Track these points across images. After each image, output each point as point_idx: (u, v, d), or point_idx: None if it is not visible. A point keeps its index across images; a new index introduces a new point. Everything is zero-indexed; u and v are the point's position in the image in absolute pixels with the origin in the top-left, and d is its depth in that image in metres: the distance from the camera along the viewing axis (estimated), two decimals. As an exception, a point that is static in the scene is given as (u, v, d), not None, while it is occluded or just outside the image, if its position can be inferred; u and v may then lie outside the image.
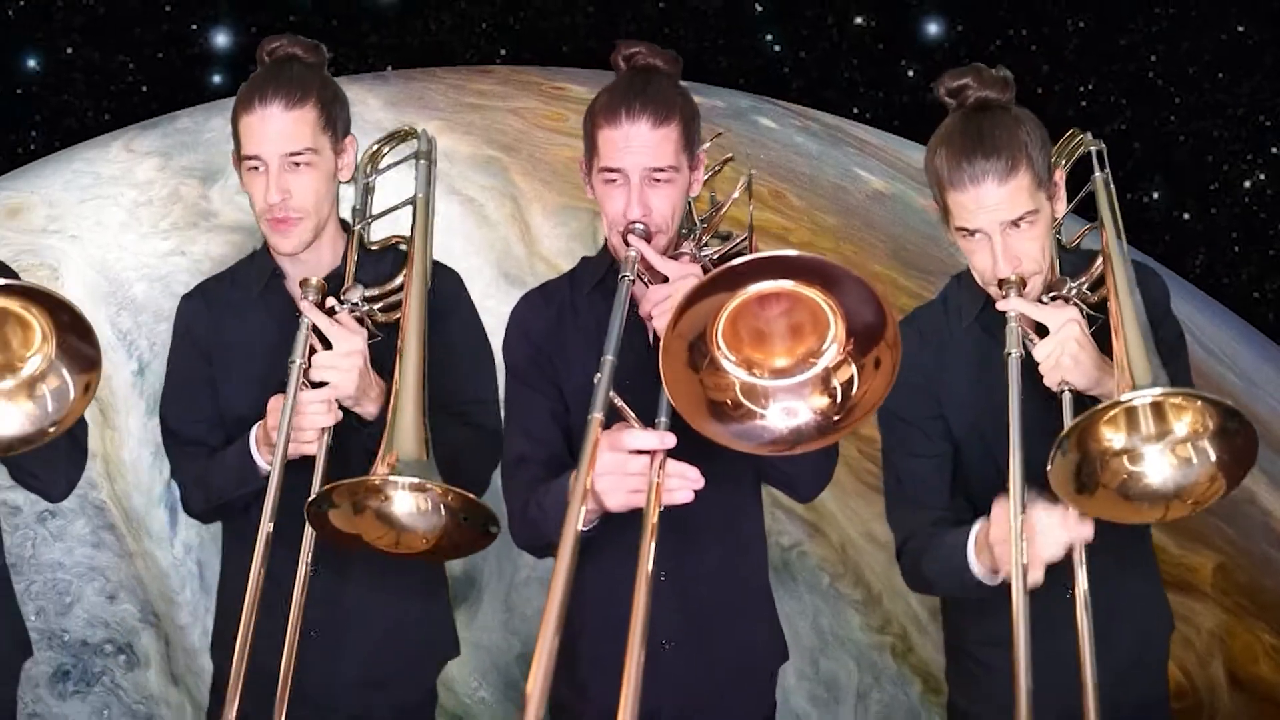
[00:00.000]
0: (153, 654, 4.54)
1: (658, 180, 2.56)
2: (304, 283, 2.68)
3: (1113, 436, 2.36)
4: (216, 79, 6.96)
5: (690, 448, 2.39)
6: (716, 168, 2.84)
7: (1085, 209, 2.86)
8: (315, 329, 2.63)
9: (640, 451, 2.30)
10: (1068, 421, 2.35)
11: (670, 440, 2.28)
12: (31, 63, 6.71)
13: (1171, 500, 2.35)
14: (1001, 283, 2.51)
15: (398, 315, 2.65)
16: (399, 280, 2.71)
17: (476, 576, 4.71)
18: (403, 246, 2.82)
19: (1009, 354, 2.46)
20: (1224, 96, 7.12)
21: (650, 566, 2.16)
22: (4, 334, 2.40)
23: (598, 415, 2.22)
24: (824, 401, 2.28)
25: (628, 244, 2.55)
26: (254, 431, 2.69)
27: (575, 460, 2.27)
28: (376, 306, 2.70)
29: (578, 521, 2.12)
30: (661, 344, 2.25)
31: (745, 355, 2.29)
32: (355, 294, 2.69)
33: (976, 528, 2.52)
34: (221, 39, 6.75)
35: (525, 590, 4.72)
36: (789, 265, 2.20)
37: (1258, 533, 5.16)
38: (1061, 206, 2.61)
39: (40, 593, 4.53)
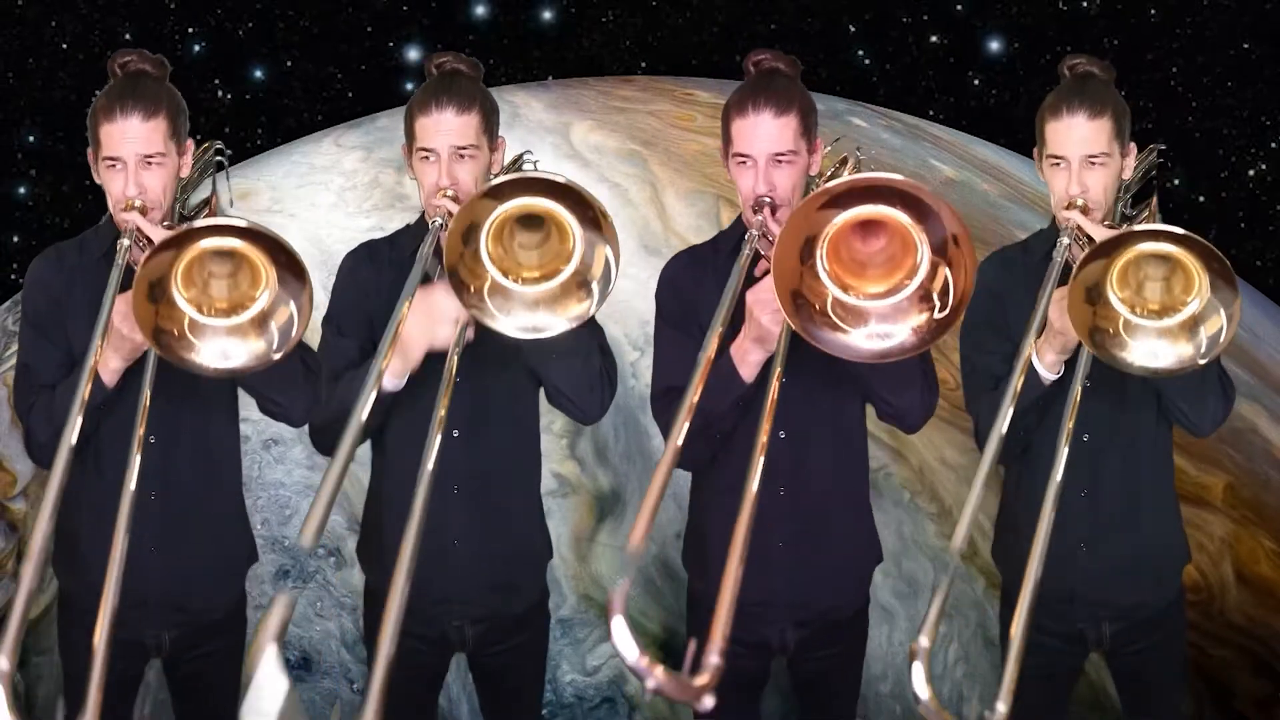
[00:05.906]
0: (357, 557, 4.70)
1: (780, 162, 2.68)
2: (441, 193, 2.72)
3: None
4: (408, 86, 6.83)
5: (812, 375, 2.57)
6: (835, 166, 2.94)
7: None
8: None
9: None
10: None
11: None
12: (258, 73, 7.27)
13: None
14: (1069, 205, 2.65)
15: None
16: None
17: (622, 493, 4.92)
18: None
19: (1060, 240, 2.61)
20: (1232, 101, 7.60)
21: (757, 484, 2.34)
22: (236, 277, 2.52)
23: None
24: (923, 318, 2.42)
25: (756, 214, 2.67)
26: None
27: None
28: None
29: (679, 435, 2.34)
30: (779, 236, 2.41)
31: (842, 279, 2.42)
32: None
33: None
34: (413, 54, 7.26)
35: (660, 505, 5.23)
36: (879, 186, 2.37)
37: (1260, 457, 5.38)
38: (1129, 172, 2.76)
39: (265, 506, 4.82)
